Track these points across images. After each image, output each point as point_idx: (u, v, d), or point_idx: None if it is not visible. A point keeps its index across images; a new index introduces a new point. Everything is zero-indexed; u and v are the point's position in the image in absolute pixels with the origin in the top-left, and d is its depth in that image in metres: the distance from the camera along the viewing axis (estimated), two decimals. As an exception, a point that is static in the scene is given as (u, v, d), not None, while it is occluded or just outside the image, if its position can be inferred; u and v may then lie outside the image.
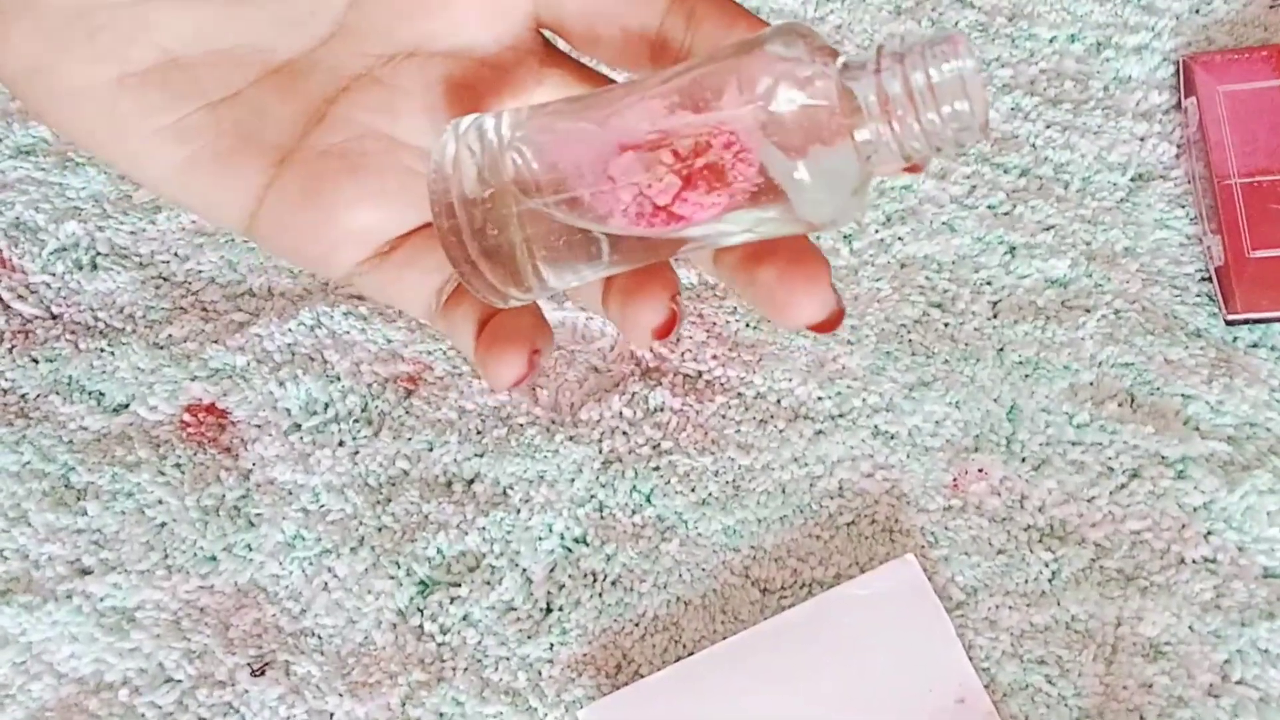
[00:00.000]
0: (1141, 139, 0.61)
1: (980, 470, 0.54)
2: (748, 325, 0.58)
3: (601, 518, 0.55)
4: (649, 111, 0.26)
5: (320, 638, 0.53)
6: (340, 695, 0.52)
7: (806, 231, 0.27)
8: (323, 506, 0.55)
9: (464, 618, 0.53)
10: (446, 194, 0.27)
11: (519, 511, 0.55)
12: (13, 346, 0.60)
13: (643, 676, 0.51)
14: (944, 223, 0.60)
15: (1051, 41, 0.64)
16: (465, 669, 0.52)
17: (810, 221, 0.26)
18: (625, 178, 0.26)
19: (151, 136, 0.30)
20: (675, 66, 0.27)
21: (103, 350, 0.59)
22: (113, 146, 0.30)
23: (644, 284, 0.28)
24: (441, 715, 0.51)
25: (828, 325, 0.28)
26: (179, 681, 0.52)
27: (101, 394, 0.59)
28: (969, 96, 0.24)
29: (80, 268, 0.62)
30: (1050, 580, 0.52)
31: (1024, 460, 0.54)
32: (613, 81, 0.30)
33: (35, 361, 0.59)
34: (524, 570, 0.54)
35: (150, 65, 0.29)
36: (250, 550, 0.55)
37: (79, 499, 0.56)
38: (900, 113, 0.25)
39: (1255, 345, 0.56)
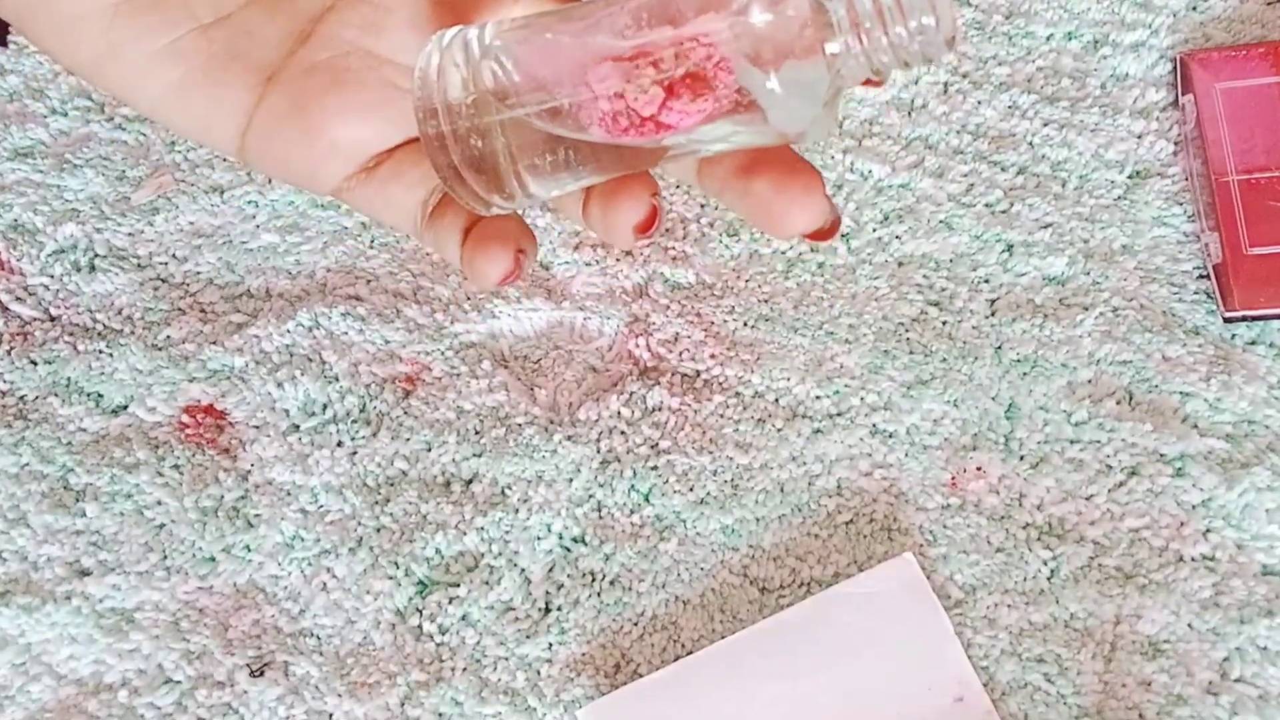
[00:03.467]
0: (1139, 136, 0.61)
1: (979, 468, 0.54)
2: (745, 324, 0.58)
3: (600, 517, 0.55)
4: (628, 23, 0.27)
5: (319, 638, 0.53)
6: (339, 695, 0.52)
7: (779, 143, 0.28)
8: (321, 507, 0.56)
9: (463, 618, 0.53)
10: (430, 101, 0.28)
11: (517, 511, 0.55)
12: (11, 348, 0.60)
13: (642, 676, 0.51)
14: (941, 221, 0.60)
15: (1049, 39, 0.64)
16: (464, 669, 0.52)
17: (783, 132, 0.27)
18: (604, 87, 0.27)
19: (145, 59, 0.31)
20: None
21: (101, 352, 0.59)
22: (109, 71, 0.31)
23: (625, 183, 0.29)
24: (440, 715, 0.51)
25: (825, 234, 0.29)
26: (178, 682, 0.52)
27: (100, 395, 0.59)
28: (935, 12, 0.25)
29: (79, 269, 0.62)
30: (1049, 578, 0.52)
31: (1022, 458, 0.54)
32: None
33: (34, 363, 0.59)
34: (522, 570, 0.54)
35: None
36: (249, 551, 0.55)
37: (78, 500, 0.56)
38: (869, 27, 0.26)
39: (1253, 342, 0.56)
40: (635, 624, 0.53)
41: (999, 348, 0.57)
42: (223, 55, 0.31)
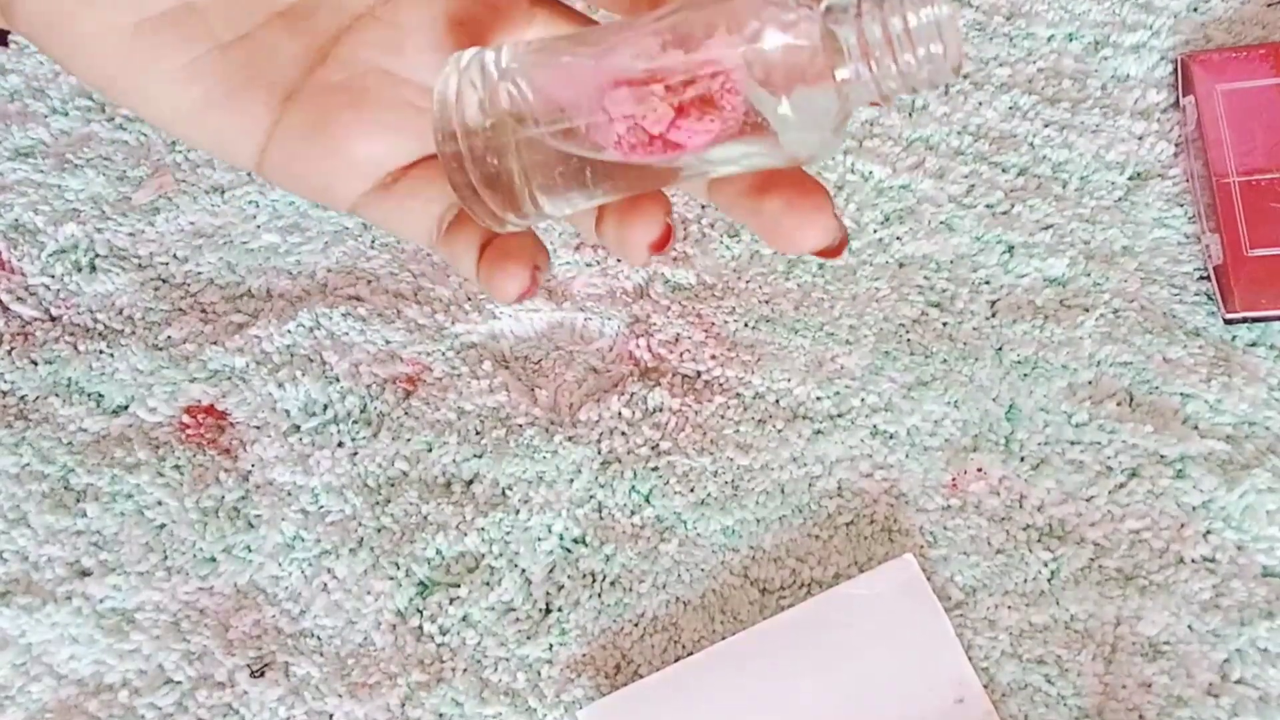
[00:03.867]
0: (1140, 138, 0.61)
1: (979, 470, 0.54)
2: (746, 325, 0.58)
3: (600, 518, 0.55)
4: (642, 48, 0.28)
5: (320, 639, 0.53)
6: (340, 696, 0.52)
7: (789, 165, 0.29)
8: (322, 508, 0.56)
9: (463, 618, 0.53)
10: (449, 123, 0.29)
11: (518, 512, 0.55)
12: (12, 349, 0.60)
13: (642, 677, 0.51)
14: (942, 222, 0.60)
15: (1049, 40, 0.64)
16: (464, 670, 0.52)
17: (794, 155, 0.28)
18: (618, 110, 0.28)
19: (166, 77, 0.31)
20: (666, 6, 0.28)
21: (102, 352, 0.59)
22: (130, 89, 0.32)
23: (638, 202, 0.30)
24: (441, 716, 0.51)
25: (833, 251, 0.30)
26: (179, 683, 0.52)
27: (101, 396, 0.59)
28: (944, 40, 0.26)
29: (79, 269, 0.62)
30: (1049, 580, 0.52)
31: (1023, 460, 0.54)
32: (597, 23, 0.32)
33: (34, 363, 0.59)
34: (523, 571, 0.54)
35: (165, 10, 0.31)
36: (250, 551, 0.55)
37: (78, 501, 0.56)
38: (878, 55, 0.26)
39: (1254, 344, 0.56)
40: (636, 625, 0.53)
41: (1000, 349, 0.57)
42: (242, 74, 0.32)
